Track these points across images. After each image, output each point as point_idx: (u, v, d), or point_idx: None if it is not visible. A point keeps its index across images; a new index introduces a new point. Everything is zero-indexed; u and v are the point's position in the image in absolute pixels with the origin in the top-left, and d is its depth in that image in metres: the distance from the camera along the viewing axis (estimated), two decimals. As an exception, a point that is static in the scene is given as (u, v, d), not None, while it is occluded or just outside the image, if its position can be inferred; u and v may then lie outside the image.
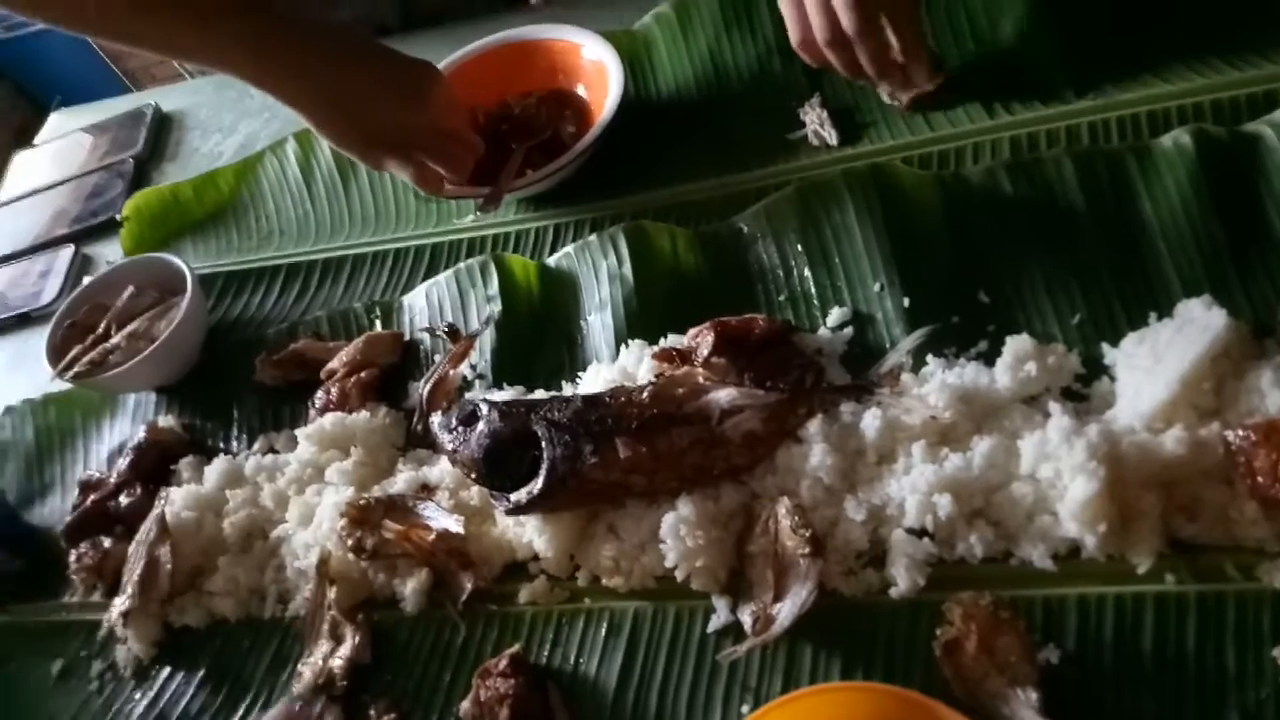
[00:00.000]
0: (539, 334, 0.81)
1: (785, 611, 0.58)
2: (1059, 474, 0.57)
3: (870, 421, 0.63)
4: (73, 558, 0.81)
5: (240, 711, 0.70)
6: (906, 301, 0.70)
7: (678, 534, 0.62)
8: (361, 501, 0.71)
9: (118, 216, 1.10)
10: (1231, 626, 0.52)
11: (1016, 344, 0.64)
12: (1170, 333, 0.61)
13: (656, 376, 0.69)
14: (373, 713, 0.65)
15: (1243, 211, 0.65)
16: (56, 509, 0.90)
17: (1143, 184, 0.68)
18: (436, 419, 0.71)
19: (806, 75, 0.88)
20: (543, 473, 0.64)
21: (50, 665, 0.78)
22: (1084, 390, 0.63)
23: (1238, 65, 0.73)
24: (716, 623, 0.61)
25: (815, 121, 0.84)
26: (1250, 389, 0.57)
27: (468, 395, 0.78)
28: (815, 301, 0.73)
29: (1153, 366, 0.60)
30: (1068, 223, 0.69)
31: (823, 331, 0.72)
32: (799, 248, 0.75)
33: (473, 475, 0.68)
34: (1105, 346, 0.64)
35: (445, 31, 1.09)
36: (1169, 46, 0.76)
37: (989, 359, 0.65)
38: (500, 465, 0.67)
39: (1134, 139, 0.72)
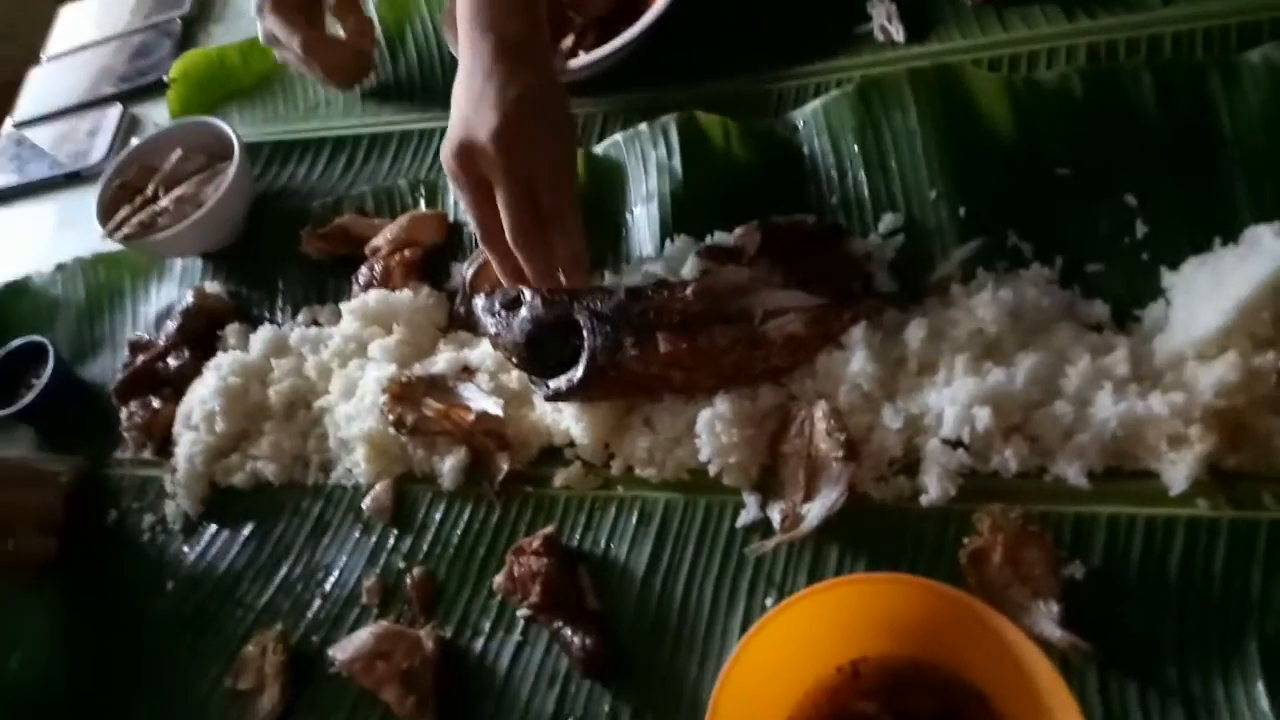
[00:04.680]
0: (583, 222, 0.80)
1: (814, 511, 0.59)
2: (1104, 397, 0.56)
3: (915, 331, 0.62)
4: (124, 416, 0.83)
5: (283, 571, 0.73)
6: (962, 211, 0.68)
7: (713, 430, 0.62)
8: (404, 379, 0.72)
9: (165, 78, 1.09)
10: (1261, 555, 0.52)
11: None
12: (1234, 259, 0.60)
13: (701, 273, 0.68)
14: (409, 580, 0.68)
15: (1329, 136, 0.62)
16: (106, 366, 0.92)
17: (1225, 101, 0.65)
18: (480, 302, 0.71)
19: (878, -35, 0.84)
20: (583, 362, 0.64)
21: (105, 515, 0.82)
22: (1138, 312, 0.62)
23: (1349, -26, 0.68)
24: (746, 518, 0.62)
25: (883, 15, 0.80)
26: (1311, 321, 0.56)
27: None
28: (868, 206, 0.72)
29: (1211, 293, 0.58)
30: (1140, 138, 0.66)
31: (873, 237, 0.70)
32: (856, 149, 0.73)
33: (513, 360, 0.69)
34: (1164, 270, 0.62)
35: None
36: (1269, -49, 0.71)
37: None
38: (541, 351, 0.67)
39: (1220, 52, 0.68)
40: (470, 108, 0.65)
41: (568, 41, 0.87)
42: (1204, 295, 0.59)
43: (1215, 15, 0.70)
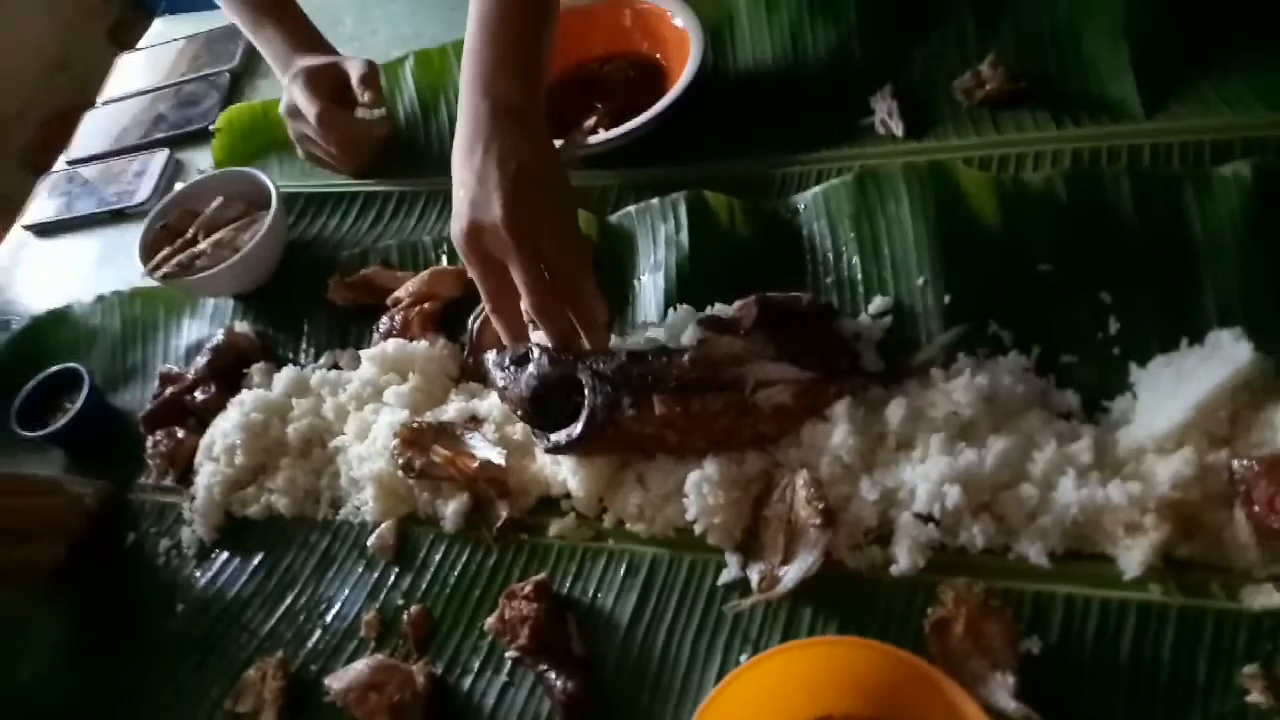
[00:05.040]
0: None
1: (791, 574, 0.63)
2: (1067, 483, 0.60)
3: (895, 410, 0.67)
4: (149, 444, 0.88)
5: (288, 600, 0.77)
6: (947, 298, 0.72)
7: (701, 490, 0.66)
8: (415, 425, 0.77)
9: (211, 127, 1.15)
10: (1208, 642, 0.55)
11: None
12: (1196, 360, 0.64)
13: (699, 342, 0.73)
14: (406, 616, 0.71)
15: (1291, 249, 0.67)
16: (136, 395, 0.97)
17: (1197, 210, 0.69)
18: (491, 357, 0.76)
19: (881, 64, 0.90)
20: (583, 418, 0.69)
21: (124, 538, 0.86)
22: (1106, 404, 0.66)
23: (1310, 102, 0.74)
24: (727, 576, 0.66)
25: (884, 111, 0.86)
26: (1264, 423, 0.59)
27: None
28: (860, 288, 0.76)
29: (1174, 390, 0.62)
30: (1117, 240, 0.70)
31: (863, 317, 0.74)
32: (851, 234, 0.78)
33: (519, 413, 0.73)
34: (1133, 365, 0.66)
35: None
36: (1245, 78, 0.76)
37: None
38: (545, 407, 0.72)
39: (1195, 164, 0.73)
40: (476, 185, 0.69)
41: (590, 121, 0.93)
42: (1167, 392, 0.63)
43: (1191, 131, 0.75)
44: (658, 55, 0.99)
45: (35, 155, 1.33)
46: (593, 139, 0.90)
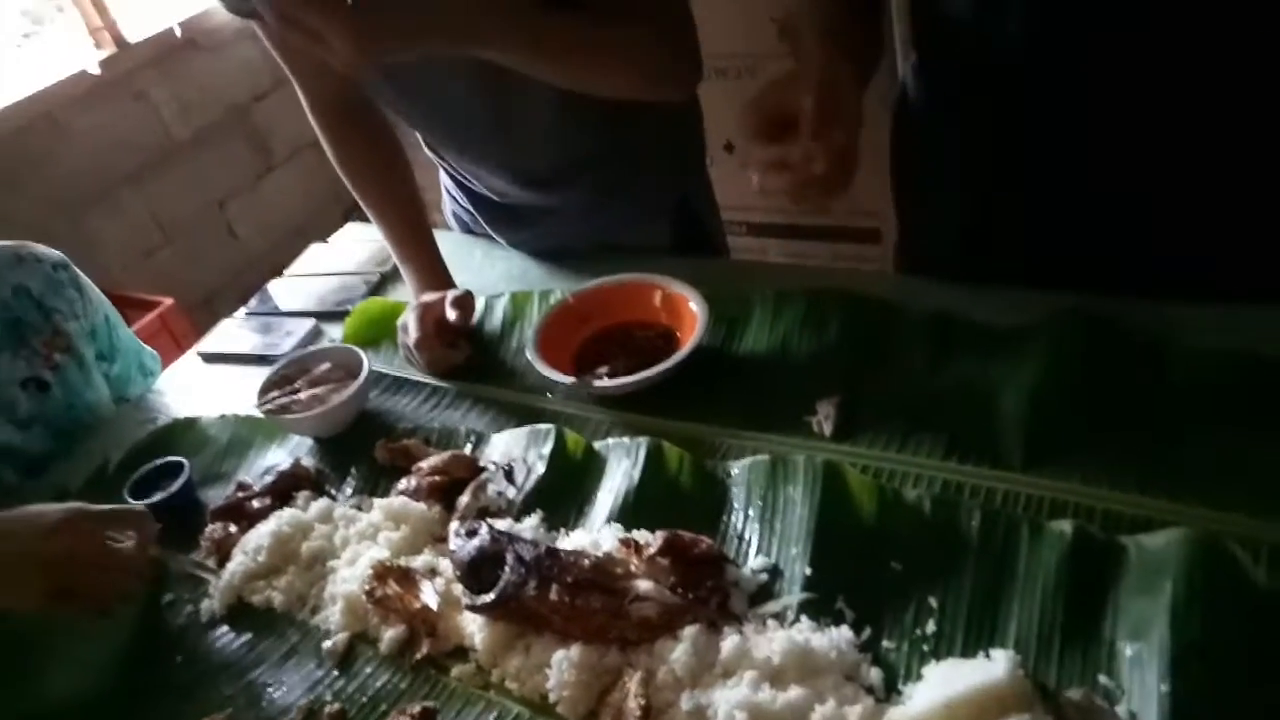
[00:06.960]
0: (564, 491, 1.06)
1: (602, 749, 0.79)
2: (834, 734, 0.74)
3: (729, 645, 0.83)
4: (208, 530, 1.14)
5: (252, 674, 0.97)
6: (808, 571, 0.89)
7: (562, 667, 0.84)
8: (387, 564, 0.99)
9: (349, 308, 1.49)
10: None
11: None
12: (972, 667, 0.78)
13: (606, 554, 0.92)
14: (327, 710, 0.90)
15: (1088, 603, 0.80)
16: (219, 493, 1.24)
17: (1026, 551, 0.85)
18: (454, 525, 0.98)
19: (840, 382, 1.11)
20: (496, 589, 0.89)
21: (163, 595, 1.11)
22: (901, 686, 0.80)
23: (1149, 492, 0.88)
24: (561, 740, 0.82)
25: (823, 414, 1.06)
26: (995, 729, 0.72)
27: (495, 521, 1.03)
28: (751, 546, 0.94)
29: (943, 688, 0.76)
30: (958, 559, 0.86)
31: (745, 569, 0.92)
32: (759, 502, 0.97)
33: (458, 573, 0.94)
34: (933, 661, 0.80)
35: (630, 257, 1.38)
36: (1104, 460, 0.92)
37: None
38: (476, 573, 0.92)
39: (1035, 514, 0.89)
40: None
41: (604, 368, 1.18)
42: (938, 688, 0.77)
43: (1043, 488, 0.91)
44: (675, 329, 1.24)
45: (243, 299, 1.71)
46: (601, 383, 1.15)
